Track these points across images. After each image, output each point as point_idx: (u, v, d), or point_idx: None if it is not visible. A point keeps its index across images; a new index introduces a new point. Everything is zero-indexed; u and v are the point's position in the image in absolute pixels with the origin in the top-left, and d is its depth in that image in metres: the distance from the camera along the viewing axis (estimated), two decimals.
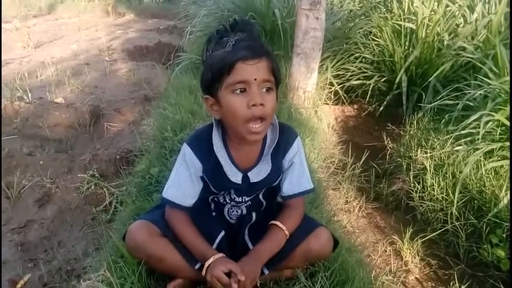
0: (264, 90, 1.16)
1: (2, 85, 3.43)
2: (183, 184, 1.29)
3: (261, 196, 1.38)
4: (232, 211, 1.39)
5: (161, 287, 1.33)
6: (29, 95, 3.37)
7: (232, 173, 1.27)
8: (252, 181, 1.29)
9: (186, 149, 1.29)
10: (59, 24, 6.90)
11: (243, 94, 1.14)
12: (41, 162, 2.48)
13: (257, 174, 1.29)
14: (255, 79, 1.13)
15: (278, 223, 1.30)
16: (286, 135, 1.33)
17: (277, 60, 1.24)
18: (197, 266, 1.24)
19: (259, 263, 1.24)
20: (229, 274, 1.17)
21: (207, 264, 1.20)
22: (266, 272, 1.29)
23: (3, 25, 6.11)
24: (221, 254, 1.23)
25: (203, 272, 1.20)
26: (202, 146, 1.27)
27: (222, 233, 1.34)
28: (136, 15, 7.83)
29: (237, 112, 1.14)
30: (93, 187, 2.27)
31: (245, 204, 1.37)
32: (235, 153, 1.28)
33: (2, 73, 4.04)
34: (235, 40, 1.15)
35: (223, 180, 1.28)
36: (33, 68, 4.24)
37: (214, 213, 1.41)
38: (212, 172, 1.28)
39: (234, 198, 1.35)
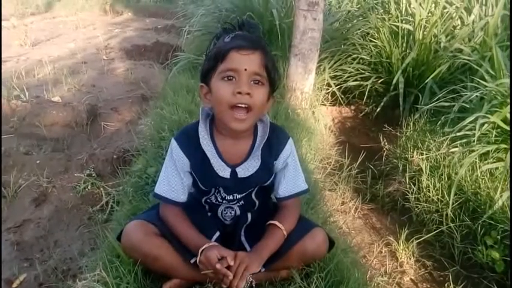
0: (253, 82, 1.18)
1: None
2: (172, 179, 1.31)
3: (253, 195, 1.38)
4: (226, 212, 1.39)
5: (157, 287, 1.34)
6: (26, 93, 3.36)
7: (219, 167, 1.28)
8: (239, 176, 1.29)
9: (173, 144, 1.30)
10: (56, 23, 6.89)
11: (231, 81, 1.17)
12: (38, 162, 2.48)
13: (245, 170, 1.29)
14: (245, 69, 1.15)
15: (276, 222, 1.31)
16: (277, 135, 1.33)
17: (275, 60, 1.25)
18: (193, 260, 1.24)
19: (259, 257, 1.24)
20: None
21: (201, 249, 1.20)
22: (262, 269, 1.29)
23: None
24: (213, 243, 1.24)
25: (198, 259, 1.21)
26: (189, 141, 1.28)
27: (217, 234, 1.35)
28: (134, 14, 7.83)
29: (222, 97, 1.17)
30: (89, 187, 2.27)
31: (238, 204, 1.37)
32: (223, 147, 1.29)
33: None
34: (235, 34, 1.20)
35: (210, 175, 1.28)
36: (30, 67, 4.23)
37: (209, 214, 1.41)
38: (200, 167, 1.29)
39: (225, 196, 1.35)
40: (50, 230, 2.02)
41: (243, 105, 1.16)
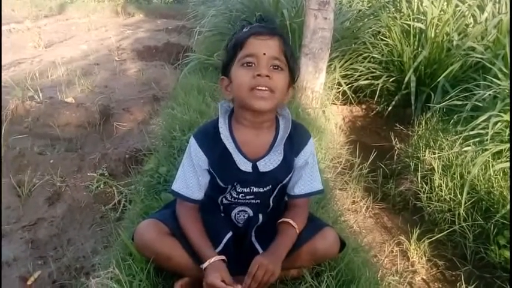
0: (273, 68, 1.18)
1: (14, 85, 3.48)
2: (188, 177, 1.31)
3: (271, 200, 1.37)
4: (239, 215, 1.39)
5: (169, 285, 1.35)
6: (40, 94, 3.41)
7: (240, 161, 1.26)
8: (261, 170, 1.28)
9: (191, 142, 1.31)
10: (69, 25, 6.98)
11: (250, 67, 1.18)
12: (52, 161, 2.51)
13: (266, 164, 1.28)
14: (264, 54, 1.16)
15: (289, 220, 1.31)
16: (300, 132, 1.33)
17: (293, 49, 1.26)
18: (202, 266, 1.25)
19: (279, 258, 1.24)
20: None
21: (203, 267, 1.22)
22: None
23: (14, 25, 6.22)
24: (218, 258, 1.24)
25: (204, 267, 1.22)
26: (208, 138, 1.29)
27: (230, 234, 1.35)
28: (145, 15, 7.90)
29: (242, 82, 1.17)
30: (102, 186, 2.30)
31: (253, 201, 1.35)
32: (244, 141, 1.27)
33: (14, 73, 4.11)
34: (253, 25, 1.23)
35: (231, 170, 1.27)
36: (44, 68, 4.29)
37: (222, 214, 1.41)
38: (219, 162, 1.28)
39: (241, 190, 1.32)
40: (64, 229, 2.05)
41: (264, 88, 1.16)
